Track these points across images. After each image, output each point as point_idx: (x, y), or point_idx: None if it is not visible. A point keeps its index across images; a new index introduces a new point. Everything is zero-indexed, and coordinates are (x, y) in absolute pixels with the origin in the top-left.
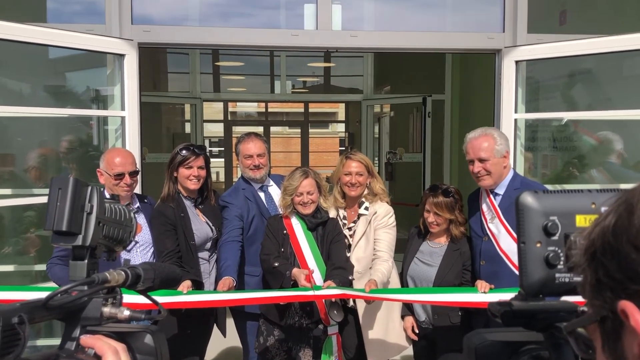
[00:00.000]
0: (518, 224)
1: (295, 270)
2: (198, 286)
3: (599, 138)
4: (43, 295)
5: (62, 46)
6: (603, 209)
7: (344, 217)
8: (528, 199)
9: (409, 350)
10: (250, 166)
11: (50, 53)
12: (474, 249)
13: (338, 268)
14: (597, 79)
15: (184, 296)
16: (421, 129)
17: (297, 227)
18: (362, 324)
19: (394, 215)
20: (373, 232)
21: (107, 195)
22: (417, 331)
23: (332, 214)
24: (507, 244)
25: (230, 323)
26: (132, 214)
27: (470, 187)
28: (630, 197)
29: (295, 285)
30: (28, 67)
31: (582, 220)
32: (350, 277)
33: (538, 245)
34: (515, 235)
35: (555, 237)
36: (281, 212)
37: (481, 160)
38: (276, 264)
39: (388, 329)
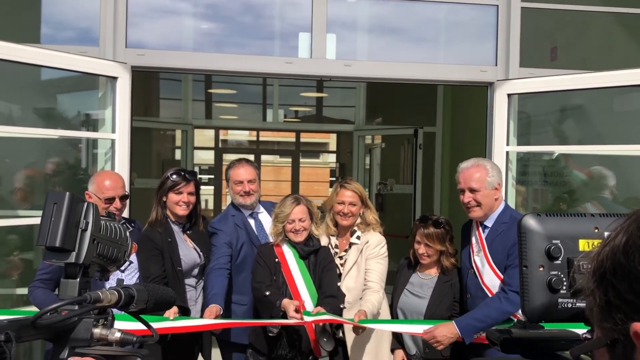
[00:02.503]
0: (520, 248)
1: (285, 301)
2: (185, 312)
3: (590, 173)
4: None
5: (54, 67)
6: (606, 233)
7: (336, 246)
8: (530, 222)
9: None
10: (241, 192)
11: (42, 74)
12: (462, 281)
13: (329, 297)
14: (588, 115)
15: (169, 322)
16: (412, 161)
17: (289, 255)
18: (350, 356)
19: (386, 246)
20: (364, 262)
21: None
22: None
23: (324, 241)
24: (489, 279)
25: (216, 353)
26: (127, 233)
27: (461, 219)
28: None
29: (284, 316)
30: (19, 88)
31: (585, 245)
32: (341, 306)
33: (540, 269)
34: (497, 271)
35: (558, 262)
36: (272, 240)
37: (472, 191)
38: (267, 293)
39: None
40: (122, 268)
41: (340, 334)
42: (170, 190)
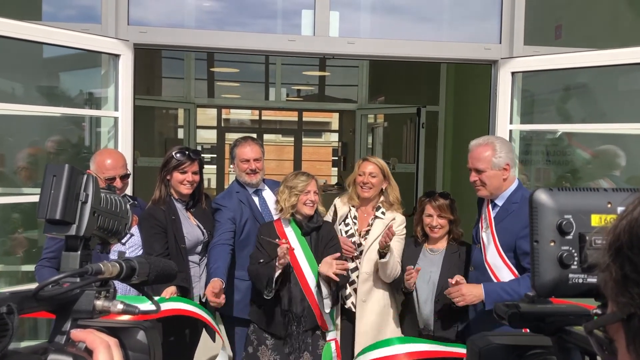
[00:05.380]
0: (531, 222)
1: (278, 252)
2: (183, 292)
3: (593, 152)
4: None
5: (56, 44)
6: (620, 209)
7: (355, 217)
8: (542, 196)
9: None
10: (247, 170)
11: (44, 52)
12: (470, 253)
13: None
14: (592, 93)
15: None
16: (415, 140)
17: (291, 234)
18: (355, 329)
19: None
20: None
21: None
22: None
23: (344, 211)
24: (492, 256)
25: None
26: (128, 206)
27: (463, 198)
28: None
29: (283, 282)
30: (21, 66)
31: (598, 220)
32: (344, 274)
33: (552, 244)
34: (502, 251)
35: (570, 237)
36: (278, 216)
37: (477, 171)
38: (261, 260)
39: (377, 339)
40: (123, 241)
41: (351, 306)
42: (175, 169)
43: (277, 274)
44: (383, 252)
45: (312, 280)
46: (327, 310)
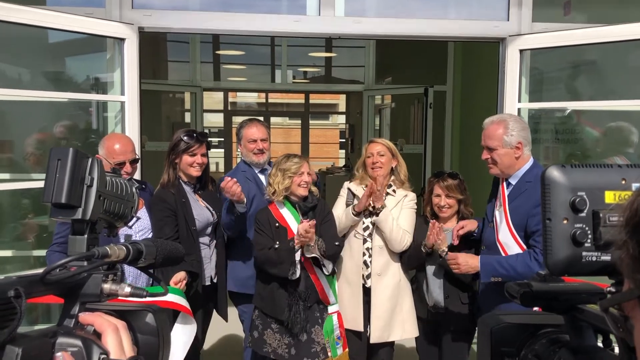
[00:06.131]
0: (544, 200)
1: (299, 228)
2: (193, 277)
3: (602, 130)
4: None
5: (61, 29)
6: (634, 185)
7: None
8: (555, 173)
9: (411, 341)
10: (254, 150)
11: (49, 37)
12: (482, 232)
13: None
14: (602, 70)
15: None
16: (422, 120)
17: (289, 217)
18: (372, 302)
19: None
20: (399, 212)
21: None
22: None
23: (361, 193)
24: (504, 236)
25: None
26: (134, 189)
27: (471, 178)
28: None
29: (302, 266)
30: (27, 51)
31: (612, 197)
32: (336, 243)
33: (565, 222)
34: (514, 230)
35: (583, 214)
36: (271, 199)
37: (489, 149)
38: (277, 245)
39: (395, 311)
40: (130, 224)
41: (363, 280)
42: (184, 152)
43: (298, 254)
44: (376, 210)
45: (313, 254)
46: (329, 271)
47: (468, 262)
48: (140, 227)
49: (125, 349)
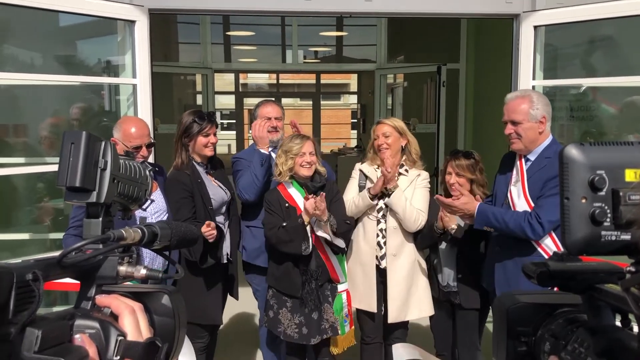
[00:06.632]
0: (562, 179)
1: (306, 205)
2: (213, 251)
3: (618, 107)
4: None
5: (71, 12)
6: None
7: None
8: (573, 151)
9: (426, 320)
10: (268, 128)
11: (60, 20)
12: None
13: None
14: (618, 46)
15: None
16: (435, 99)
17: (297, 196)
18: (388, 282)
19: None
20: (413, 191)
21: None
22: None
23: (376, 176)
24: (522, 210)
25: (244, 292)
26: (147, 172)
27: (486, 157)
28: None
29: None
30: (38, 35)
31: (632, 175)
32: (347, 222)
33: (583, 201)
34: (532, 203)
35: (602, 193)
36: (278, 179)
37: (514, 123)
38: (284, 224)
39: (411, 291)
40: (144, 207)
41: (378, 261)
42: (199, 134)
43: (308, 229)
44: (389, 191)
45: (323, 236)
46: (342, 245)
47: (467, 204)
48: (155, 209)
49: (142, 331)
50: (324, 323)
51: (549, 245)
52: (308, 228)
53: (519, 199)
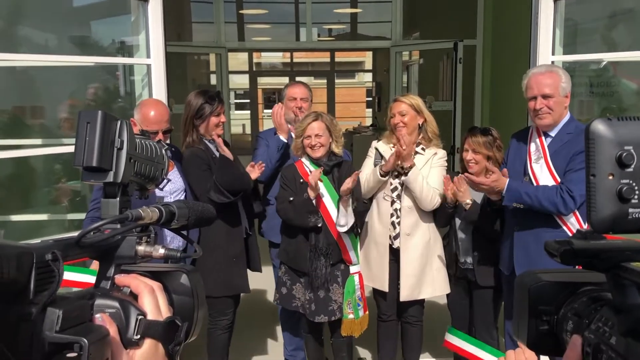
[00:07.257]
0: (588, 155)
1: (310, 178)
2: (236, 225)
3: None
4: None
5: None
6: None
7: None
8: (600, 127)
9: (443, 298)
10: (293, 108)
11: (74, 1)
12: None
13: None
14: None
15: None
16: (452, 76)
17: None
18: (401, 261)
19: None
20: (429, 170)
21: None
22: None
23: (389, 152)
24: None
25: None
26: (163, 151)
27: (502, 134)
28: None
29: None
30: (52, 16)
31: None
32: (364, 201)
33: (610, 177)
34: (557, 177)
35: (630, 169)
36: (295, 156)
37: (545, 97)
38: (291, 198)
39: (425, 270)
40: (161, 186)
41: (391, 241)
42: (211, 114)
43: (314, 201)
44: (405, 170)
45: (335, 214)
46: (344, 229)
47: (497, 181)
48: (172, 189)
49: (162, 310)
50: (332, 304)
51: (574, 223)
52: (314, 201)
53: (542, 174)
